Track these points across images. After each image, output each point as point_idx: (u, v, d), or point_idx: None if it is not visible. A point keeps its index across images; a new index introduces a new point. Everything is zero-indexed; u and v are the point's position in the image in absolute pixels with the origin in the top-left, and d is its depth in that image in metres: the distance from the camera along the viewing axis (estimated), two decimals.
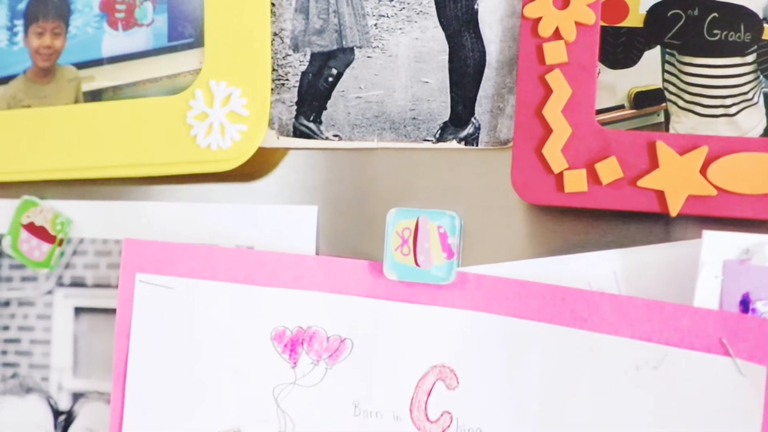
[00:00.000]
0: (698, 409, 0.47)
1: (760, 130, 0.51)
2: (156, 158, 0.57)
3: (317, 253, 0.55)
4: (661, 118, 0.52)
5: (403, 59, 0.55)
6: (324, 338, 0.54)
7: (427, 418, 0.53)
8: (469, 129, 0.54)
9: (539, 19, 0.51)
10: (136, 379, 0.55)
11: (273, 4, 0.57)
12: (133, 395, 0.55)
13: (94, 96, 0.60)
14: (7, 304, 0.61)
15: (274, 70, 0.57)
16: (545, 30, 0.51)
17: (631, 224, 0.52)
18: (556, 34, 0.51)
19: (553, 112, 0.51)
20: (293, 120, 0.57)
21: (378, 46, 0.55)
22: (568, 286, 0.50)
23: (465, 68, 0.54)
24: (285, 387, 0.54)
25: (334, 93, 0.56)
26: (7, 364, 0.61)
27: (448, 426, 0.53)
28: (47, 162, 0.60)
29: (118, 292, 0.55)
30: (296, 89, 0.57)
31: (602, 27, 0.51)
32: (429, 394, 0.53)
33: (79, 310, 0.60)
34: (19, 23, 0.63)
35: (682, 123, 0.51)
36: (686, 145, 0.49)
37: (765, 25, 0.51)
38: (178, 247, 0.55)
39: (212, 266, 0.55)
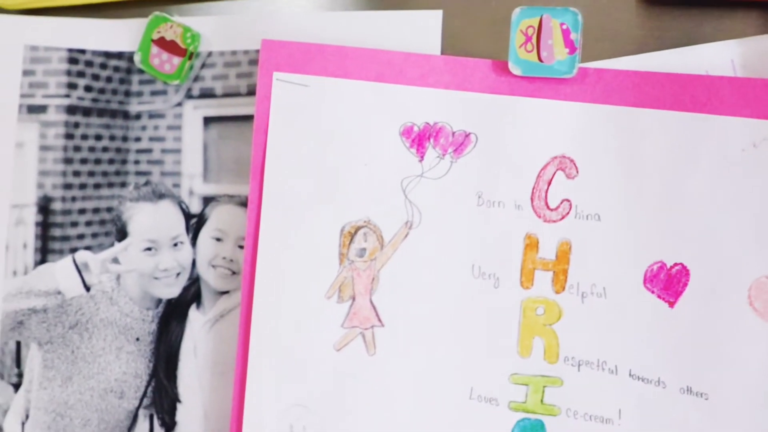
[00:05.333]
0: None
1: None
2: None
3: None
4: None
5: None
6: (449, 133, 0.58)
7: (547, 206, 0.56)
8: None
9: None
10: (273, 173, 0.59)
11: None
12: (269, 188, 0.59)
13: None
14: (138, 117, 0.65)
15: None
16: None
17: (747, 15, 0.55)
18: None
19: None
20: None
21: None
22: None
23: None
24: (412, 179, 0.58)
25: None
26: (139, 173, 0.65)
27: (567, 213, 0.56)
28: None
29: (257, 91, 0.58)
30: None
31: None
32: (549, 184, 0.56)
33: (208, 120, 0.64)
34: None
35: None
36: None
37: None
38: (313, 47, 0.58)
39: (344, 65, 0.58)
